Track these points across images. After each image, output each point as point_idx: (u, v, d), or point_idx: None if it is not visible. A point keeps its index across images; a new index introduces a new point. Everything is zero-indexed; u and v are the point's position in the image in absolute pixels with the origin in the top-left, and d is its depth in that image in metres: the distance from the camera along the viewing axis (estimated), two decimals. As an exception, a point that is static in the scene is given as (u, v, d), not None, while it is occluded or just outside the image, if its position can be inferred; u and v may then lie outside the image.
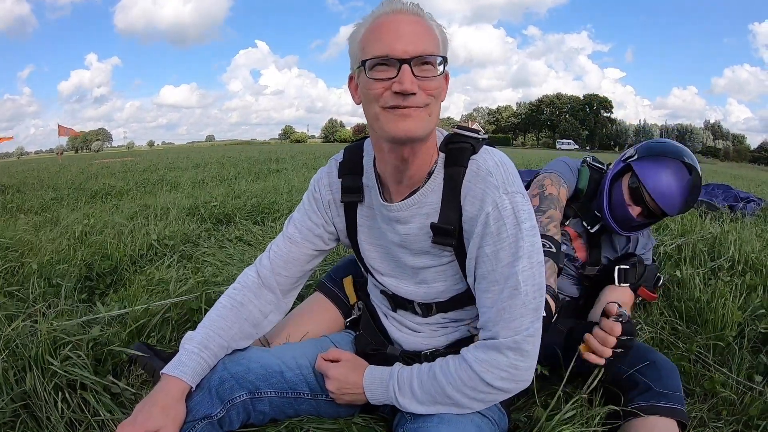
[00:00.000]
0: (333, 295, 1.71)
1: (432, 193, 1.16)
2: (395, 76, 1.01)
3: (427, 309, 1.29)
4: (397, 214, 1.19)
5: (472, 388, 1.10)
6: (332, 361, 1.27)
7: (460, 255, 1.18)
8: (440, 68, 1.05)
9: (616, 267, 1.84)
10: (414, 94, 1.01)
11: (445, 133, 1.21)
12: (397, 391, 1.17)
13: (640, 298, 1.98)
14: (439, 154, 1.17)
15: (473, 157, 1.14)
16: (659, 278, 1.96)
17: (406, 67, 1.01)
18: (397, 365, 1.22)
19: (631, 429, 1.35)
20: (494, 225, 1.08)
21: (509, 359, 1.08)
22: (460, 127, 1.19)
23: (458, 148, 1.15)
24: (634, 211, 1.80)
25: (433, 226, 1.16)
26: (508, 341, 1.07)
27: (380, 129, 1.07)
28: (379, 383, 1.20)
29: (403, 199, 1.18)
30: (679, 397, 1.37)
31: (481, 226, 1.10)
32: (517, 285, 1.07)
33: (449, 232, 1.15)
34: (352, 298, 1.66)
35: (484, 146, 1.17)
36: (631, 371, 1.44)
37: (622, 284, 1.82)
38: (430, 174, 1.17)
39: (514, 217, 1.08)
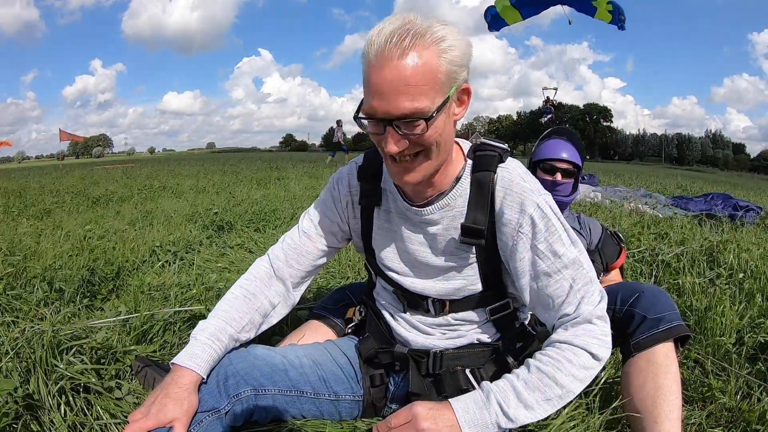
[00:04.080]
0: (326, 319, 1.72)
1: (460, 197, 1.22)
2: (382, 132, 1.05)
3: (440, 306, 1.31)
4: (429, 217, 1.24)
5: (581, 366, 1.11)
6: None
7: (484, 255, 1.23)
8: (436, 116, 1.02)
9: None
10: (402, 151, 1.06)
11: (468, 144, 1.26)
12: (502, 403, 1.07)
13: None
14: (466, 161, 1.23)
15: (502, 164, 1.20)
16: (617, 235, 2.31)
17: (389, 128, 1.03)
18: (484, 383, 1.13)
19: (632, 366, 1.42)
20: (541, 222, 1.15)
21: (600, 327, 1.15)
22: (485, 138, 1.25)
23: (486, 156, 1.21)
24: (556, 177, 2.22)
25: (463, 227, 1.20)
26: (595, 311, 1.15)
27: (387, 169, 1.15)
28: (473, 405, 1.08)
29: (429, 202, 1.23)
30: (673, 315, 1.46)
31: (528, 227, 1.15)
32: (581, 265, 1.16)
33: (479, 232, 1.19)
34: (350, 314, 1.67)
35: (509, 157, 1.23)
36: (626, 308, 1.51)
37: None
38: (458, 179, 1.22)
39: (554, 212, 1.16)
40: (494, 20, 11.06)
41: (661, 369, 1.37)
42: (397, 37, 0.97)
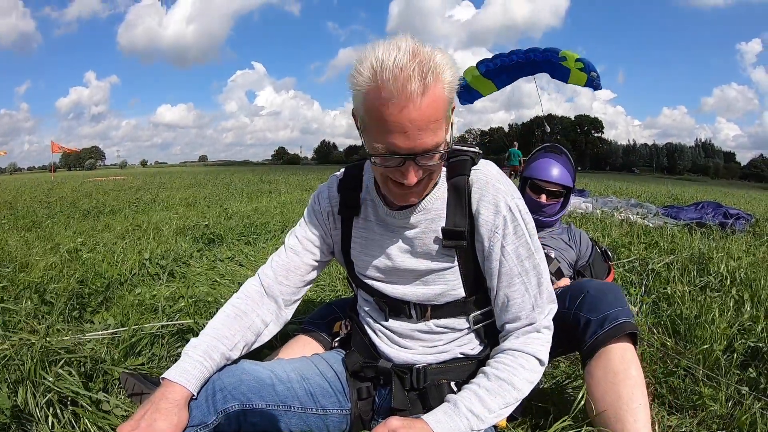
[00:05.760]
0: (314, 334, 1.70)
1: (437, 201, 1.23)
2: (400, 165, 1.05)
3: (422, 311, 1.31)
4: (406, 221, 1.26)
5: (531, 370, 1.21)
6: None
7: (465, 257, 1.25)
8: (449, 144, 1.08)
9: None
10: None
11: None
12: (473, 409, 1.13)
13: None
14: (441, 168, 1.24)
15: (475, 167, 1.23)
16: (606, 253, 2.44)
17: (410, 162, 1.05)
18: (449, 396, 1.20)
19: (590, 376, 1.39)
20: (511, 225, 1.20)
21: (546, 336, 1.25)
22: (457, 143, 1.27)
23: (460, 160, 1.24)
24: (541, 198, 2.33)
25: (444, 230, 1.22)
26: (544, 321, 1.24)
27: (385, 191, 1.18)
28: (443, 415, 1.13)
29: (407, 206, 1.24)
30: (619, 312, 1.40)
31: (500, 228, 1.19)
32: (540, 273, 1.23)
33: (460, 234, 1.21)
34: (337, 328, 1.66)
35: (482, 159, 1.25)
36: (572, 311, 1.46)
37: None
38: (434, 185, 1.23)
39: (523, 218, 1.21)
40: (464, 91, 10.74)
41: (619, 376, 1.33)
42: (415, 74, 0.96)
